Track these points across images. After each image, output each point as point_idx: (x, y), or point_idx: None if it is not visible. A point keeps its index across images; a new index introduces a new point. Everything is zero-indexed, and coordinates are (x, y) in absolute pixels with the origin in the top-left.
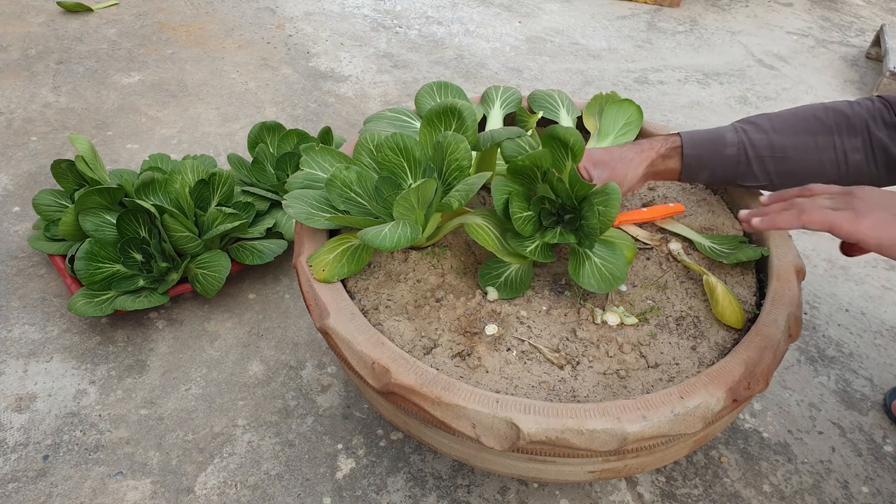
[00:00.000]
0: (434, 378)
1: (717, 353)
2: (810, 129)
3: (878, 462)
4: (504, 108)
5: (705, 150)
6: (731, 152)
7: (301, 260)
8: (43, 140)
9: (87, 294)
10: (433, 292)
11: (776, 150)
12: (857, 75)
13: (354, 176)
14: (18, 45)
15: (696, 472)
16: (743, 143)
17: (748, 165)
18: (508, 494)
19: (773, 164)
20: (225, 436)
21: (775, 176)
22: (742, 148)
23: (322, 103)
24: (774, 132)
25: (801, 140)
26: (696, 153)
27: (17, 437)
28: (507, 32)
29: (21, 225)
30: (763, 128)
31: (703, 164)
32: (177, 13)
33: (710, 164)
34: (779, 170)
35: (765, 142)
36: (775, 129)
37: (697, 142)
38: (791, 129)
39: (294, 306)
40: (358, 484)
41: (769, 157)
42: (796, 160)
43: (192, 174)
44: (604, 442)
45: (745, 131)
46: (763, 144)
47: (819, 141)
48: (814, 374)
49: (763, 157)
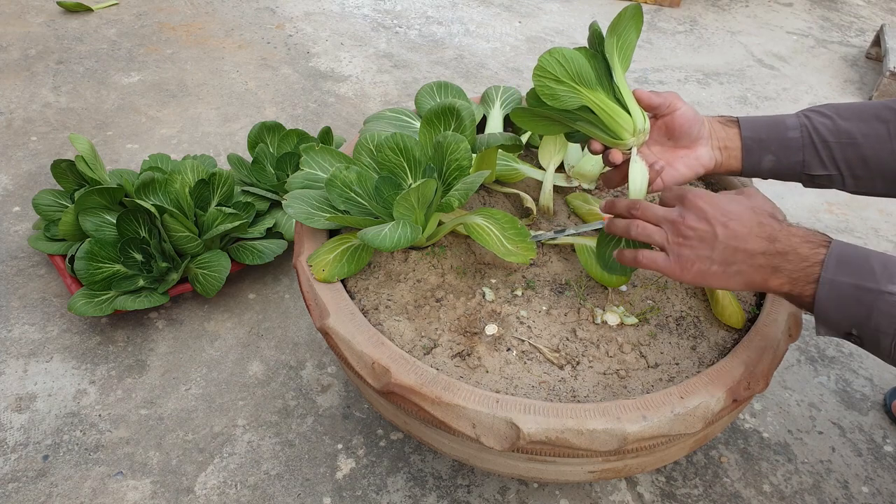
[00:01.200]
0: (434, 378)
1: (717, 353)
2: (881, 117)
3: (878, 462)
4: (504, 108)
5: (765, 132)
6: (793, 135)
7: (301, 260)
8: (43, 140)
9: (87, 294)
10: (433, 292)
11: (842, 136)
12: (857, 75)
13: (354, 176)
14: (18, 45)
15: (696, 472)
16: (806, 127)
17: (814, 151)
18: (508, 494)
19: (840, 151)
20: (225, 436)
21: (844, 165)
22: (806, 132)
23: (322, 103)
24: (840, 118)
25: (870, 127)
26: (756, 134)
27: (17, 437)
28: (507, 32)
29: (21, 225)
30: (827, 114)
31: (765, 147)
32: (177, 13)
33: (773, 148)
34: (847, 157)
35: (830, 126)
36: (841, 115)
37: (754, 123)
38: (858, 116)
39: (294, 306)
40: (358, 484)
41: (835, 142)
42: (867, 148)
43: (192, 174)
44: (604, 442)
45: (808, 117)
46: (828, 129)
47: (892, 129)
48: (814, 374)
49: (829, 143)
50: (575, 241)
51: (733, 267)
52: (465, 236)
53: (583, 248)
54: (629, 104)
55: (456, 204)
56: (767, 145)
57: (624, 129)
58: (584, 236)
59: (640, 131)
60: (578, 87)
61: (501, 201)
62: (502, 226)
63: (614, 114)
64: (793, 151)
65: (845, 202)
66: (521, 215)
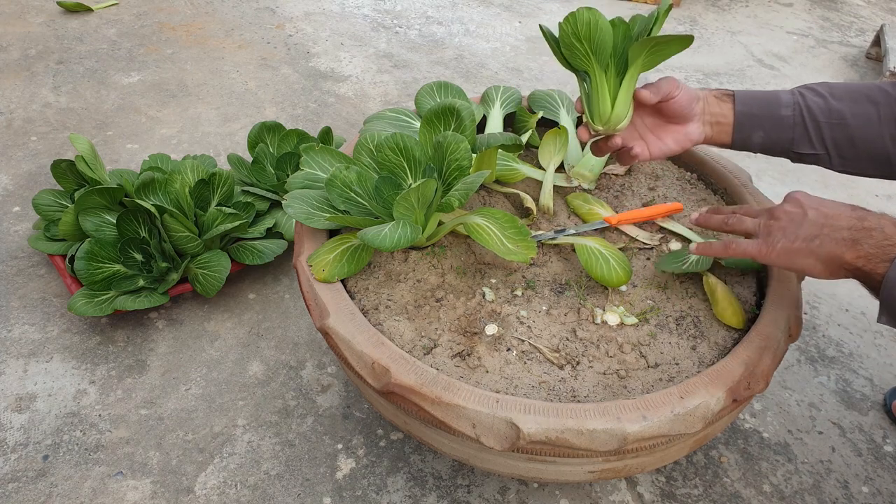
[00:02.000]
0: (434, 378)
1: (717, 353)
2: (872, 98)
3: (878, 462)
4: (504, 108)
5: (758, 108)
6: (786, 113)
7: (301, 260)
8: (43, 140)
9: (87, 294)
10: (433, 292)
11: (833, 116)
12: (857, 75)
13: (354, 176)
14: (18, 45)
15: (696, 472)
16: (799, 105)
17: (804, 129)
18: (508, 494)
19: (829, 131)
20: (225, 436)
21: (832, 145)
22: (798, 110)
23: (322, 103)
24: (833, 98)
25: (861, 108)
26: (749, 109)
27: (17, 437)
28: (507, 32)
29: (21, 225)
30: (821, 93)
31: (756, 123)
32: (177, 13)
33: (764, 125)
34: (836, 138)
35: (822, 106)
36: (834, 95)
37: (750, 98)
38: (851, 97)
39: (294, 306)
40: (358, 484)
41: (825, 122)
42: (856, 129)
43: (192, 174)
44: (604, 442)
45: (803, 95)
46: (820, 109)
47: (882, 112)
48: (814, 374)
49: (819, 123)
50: (575, 241)
51: (816, 241)
52: (465, 236)
53: (583, 248)
54: (619, 100)
55: (456, 204)
56: (759, 122)
57: (598, 117)
58: (584, 236)
59: (614, 128)
60: (590, 56)
61: (501, 201)
62: (502, 225)
63: (601, 99)
64: (783, 129)
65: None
66: (521, 215)
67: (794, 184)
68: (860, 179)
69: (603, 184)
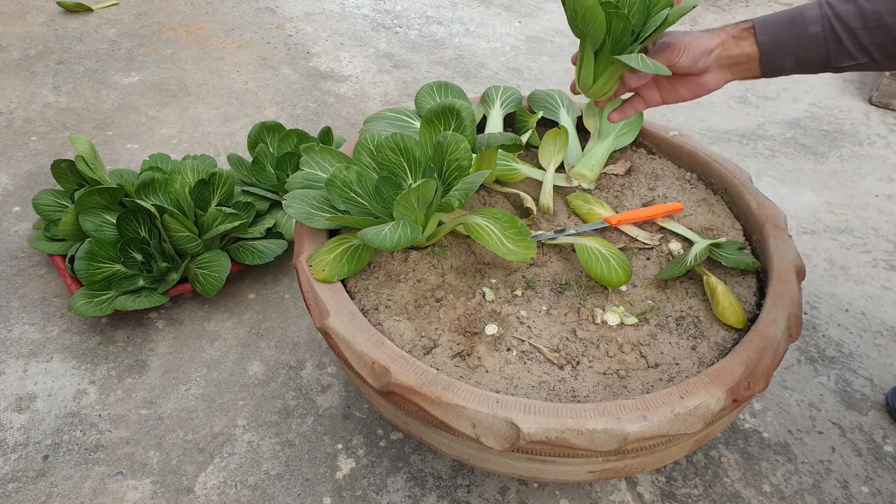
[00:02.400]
0: (434, 378)
1: (717, 352)
2: None
3: (878, 462)
4: (504, 108)
5: (784, 34)
6: (814, 30)
7: (301, 260)
8: (43, 140)
9: (87, 294)
10: (433, 292)
11: (868, 19)
12: (858, 75)
13: (354, 176)
14: (18, 45)
15: (696, 472)
16: (828, 18)
17: (837, 43)
18: (508, 494)
19: (867, 37)
20: (225, 436)
21: (875, 49)
22: (827, 23)
23: (322, 103)
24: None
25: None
26: (774, 37)
27: (17, 437)
28: (507, 32)
29: (21, 225)
30: None
31: (784, 50)
32: (177, 13)
33: (794, 49)
34: (878, 41)
35: (853, 12)
36: None
37: (773, 24)
38: None
39: (294, 306)
40: (358, 484)
41: (861, 28)
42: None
43: (192, 174)
44: (604, 442)
45: (830, 4)
46: (852, 15)
47: None
48: (814, 374)
49: (854, 31)
50: (575, 241)
51: None
52: (465, 236)
53: (583, 248)
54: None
55: (456, 204)
56: (787, 48)
57: (582, 84)
58: (584, 236)
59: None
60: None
61: (501, 201)
62: (502, 225)
63: (586, 71)
64: (815, 47)
65: (845, 202)
66: (521, 215)
67: (795, 184)
68: (860, 179)
69: (603, 184)
